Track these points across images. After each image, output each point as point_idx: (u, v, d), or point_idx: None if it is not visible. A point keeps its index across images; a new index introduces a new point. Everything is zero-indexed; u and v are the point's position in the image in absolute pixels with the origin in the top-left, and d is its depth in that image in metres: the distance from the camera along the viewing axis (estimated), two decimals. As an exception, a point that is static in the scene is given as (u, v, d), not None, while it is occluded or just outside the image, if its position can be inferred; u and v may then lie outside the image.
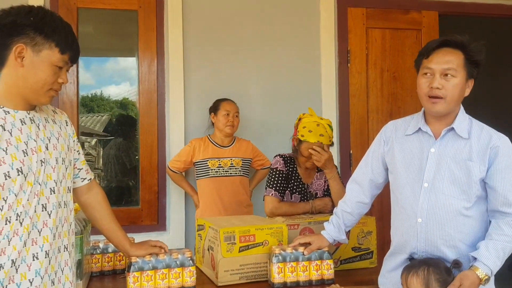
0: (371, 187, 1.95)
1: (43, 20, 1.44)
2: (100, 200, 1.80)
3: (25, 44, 1.41)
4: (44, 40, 1.43)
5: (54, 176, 1.50)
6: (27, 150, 1.43)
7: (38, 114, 1.52)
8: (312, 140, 2.38)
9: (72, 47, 1.49)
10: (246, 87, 3.48)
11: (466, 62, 1.67)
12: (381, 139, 1.91)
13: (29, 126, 1.47)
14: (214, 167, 3.07)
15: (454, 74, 1.65)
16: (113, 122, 3.80)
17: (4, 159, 1.38)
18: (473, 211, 1.68)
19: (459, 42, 1.68)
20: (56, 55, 1.45)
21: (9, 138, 1.40)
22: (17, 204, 1.40)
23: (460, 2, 3.82)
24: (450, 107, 1.69)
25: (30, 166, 1.43)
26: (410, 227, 1.73)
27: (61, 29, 1.47)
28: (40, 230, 1.44)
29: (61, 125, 1.62)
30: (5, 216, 1.38)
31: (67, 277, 1.55)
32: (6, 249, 1.37)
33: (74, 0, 3.23)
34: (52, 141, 1.53)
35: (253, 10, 3.51)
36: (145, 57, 3.34)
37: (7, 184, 1.38)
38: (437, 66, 1.66)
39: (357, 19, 3.67)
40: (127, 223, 3.21)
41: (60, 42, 1.45)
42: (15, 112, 1.45)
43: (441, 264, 1.63)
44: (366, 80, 3.68)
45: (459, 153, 1.69)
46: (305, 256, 1.93)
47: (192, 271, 1.86)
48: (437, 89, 1.65)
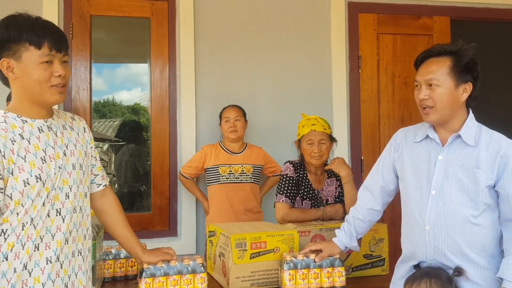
0: (382, 194, 1.94)
1: (7, 28, 1.43)
2: (114, 206, 1.82)
3: (7, 57, 1.44)
4: (18, 45, 1.42)
5: (70, 181, 1.53)
6: (46, 157, 1.46)
7: (55, 122, 1.55)
8: (305, 131, 2.47)
9: (45, 37, 1.44)
10: (257, 92, 3.49)
11: (453, 68, 1.67)
12: (391, 146, 1.91)
13: (47, 134, 1.50)
14: (225, 173, 3.08)
15: (437, 83, 1.67)
16: (125, 128, 3.83)
17: (23, 166, 1.41)
18: (482, 219, 1.66)
19: (443, 50, 1.70)
20: (34, 52, 1.43)
21: (28, 146, 1.44)
22: (33, 210, 1.43)
23: (472, 7, 3.79)
24: (444, 115, 1.69)
25: (49, 172, 1.46)
26: (419, 235, 1.73)
27: (27, 26, 1.44)
28: (54, 235, 1.47)
29: (79, 131, 1.65)
30: (21, 221, 1.41)
31: (80, 281, 1.57)
32: (19, 253, 1.40)
33: (87, 7, 3.28)
34: (70, 148, 1.56)
35: (263, 16, 3.52)
36: (157, 64, 3.37)
37: (26, 191, 1.41)
38: (421, 77, 1.71)
39: (368, 25, 3.67)
40: (138, 228, 3.23)
41: (31, 39, 1.42)
42: (32, 121, 1.48)
43: (443, 274, 1.62)
44: (377, 85, 3.67)
45: (467, 161, 1.68)
46: (317, 263, 1.93)
47: (203, 278, 1.86)
48: (424, 99, 1.69)
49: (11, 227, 1.40)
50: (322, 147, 2.46)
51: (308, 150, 2.47)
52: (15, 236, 1.40)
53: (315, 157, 2.46)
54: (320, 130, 2.47)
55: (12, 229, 1.40)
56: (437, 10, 3.75)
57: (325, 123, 2.53)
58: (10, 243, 1.39)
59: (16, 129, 1.44)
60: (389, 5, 3.69)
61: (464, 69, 1.68)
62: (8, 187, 1.39)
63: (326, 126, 2.51)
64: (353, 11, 3.64)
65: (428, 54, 1.74)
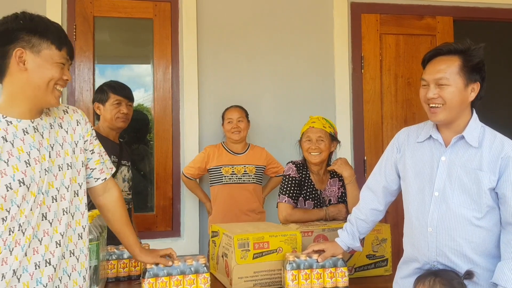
0: (385, 194, 1.94)
1: (33, 22, 1.46)
2: (115, 202, 1.78)
3: (23, 48, 1.42)
4: (40, 40, 1.44)
5: (56, 183, 1.49)
6: (30, 161, 1.42)
7: (43, 122, 1.50)
8: (305, 129, 2.51)
9: (66, 43, 1.50)
10: (260, 93, 3.49)
11: (463, 68, 1.65)
12: (394, 146, 1.90)
13: (32, 136, 1.45)
14: (227, 174, 3.08)
15: (447, 82, 1.64)
16: (128, 128, 3.83)
17: (5, 170, 1.37)
18: (485, 221, 1.64)
19: (453, 49, 1.67)
20: (55, 52, 1.47)
21: (11, 149, 1.39)
22: (20, 215, 1.39)
23: (475, 7, 3.79)
24: (452, 114, 1.67)
25: (33, 176, 1.42)
26: (421, 236, 1.72)
27: (52, 27, 1.49)
28: (41, 239, 1.44)
29: (69, 127, 1.59)
30: (8, 227, 1.38)
31: (75, 282, 1.54)
32: (8, 259, 1.37)
33: (91, 9, 3.29)
34: (56, 148, 1.51)
35: (266, 17, 3.52)
36: (160, 65, 3.38)
37: (9, 195, 1.37)
38: (430, 76, 1.68)
39: (371, 25, 3.67)
40: (141, 229, 3.23)
41: (55, 40, 1.47)
42: (17, 121, 1.44)
43: (454, 276, 1.59)
44: (380, 86, 3.67)
45: (469, 162, 1.66)
46: (319, 264, 1.92)
47: (206, 278, 1.87)
48: (433, 98, 1.66)
49: None
50: (320, 144, 2.45)
51: (306, 147, 2.47)
52: (1, 242, 1.37)
53: (313, 153, 2.45)
54: (318, 127, 2.47)
55: None
56: (440, 10, 3.74)
57: (326, 122, 2.52)
58: None
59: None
60: (392, 5, 3.69)
61: (473, 69, 1.66)
62: None
63: (326, 125, 2.50)
64: (355, 11, 3.64)
65: (438, 52, 1.70)
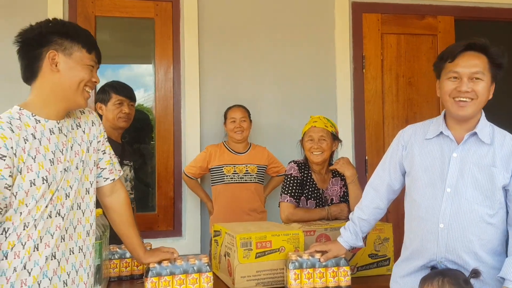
0: (388, 192, 1.93)
1: (65, 26, 1.56)
2: (122, 204, 1.82)
3: (56, 50, 1.50)
4: (71, 43, 1.52)
5: (71, 181, 1.54)
6: (54, 160, 1.48)
7: (66, 123, 1.57)
8: (306, 128, 2.51)
9: (95, 47, 1.60)
10: (261, 93, 3.50)
11: (491, 66, 1.67)
12: (399, 144, 1.88)
13: (57, 136, 1.52)
14: (229, 173, 3.08)
15: (482, 77, 1.65)
16: (129, 128, 3.83)
17: (32, 166, 1.42)
18: (496, 218, 1.66)
19: (483, 45, 1.68)
20: (85, 55, 1.55)
21: (38, 146, 1.45)
22: (36, 211, 1.43)
23: (477, 7, 3.79)
24: (477, 110, 1.69)
25: (55, 175, 1.48)
26: (430, 232, 1.71)
27: (82, 32, 1.58)
28: (53, 234, 1.48)
29: (86, 126, 1.66)
30: (23, 221, 1.42)
31: (81, 278, 1.57)
32: (20, 252, 1.41)
33: (92, 8, 3.29)
34: (74, 148, 1.57)
35: (267, 16, 3.53)
36: (161, 64, 3.38)
37: (31, 191, 1.42)
38: (465, 69, 1.66)
39: (372, 24, 3.67)
40: (143, 228, 3.23)
41: (85, 43, 1.55)
42: (45, 121, 1.50)
43: (460, 275, 1.59)
44: (381, 85, 3.67)
45: (483, 159, 1.67)
46: (322, 263, 1.93)
47: (209, 277, 1.87)
48: (466, 92, 1.65)
49: (13, 226, 1.40)
50: (322, 144, 2.46)
51: (308, 146, 2.47)
52: (16, 236, 1.41)
53: (315, 153, 2.46)
54: (320, 126, 2.47)
55: (14, 228, 1.41)
56: (441, 9, 3.75)
57: (328, 121, 2.52)
58: (10, 242, 1.40)
59: (29, 128, 1.45)
60: (393, 5, 3.69)
61: (496, 69, 1.69)
62: (14, 186, 1.39)
63: (328, 124, 2.50)
64: (357, 11, 3.64)
65: (470, 46, 1.69)
